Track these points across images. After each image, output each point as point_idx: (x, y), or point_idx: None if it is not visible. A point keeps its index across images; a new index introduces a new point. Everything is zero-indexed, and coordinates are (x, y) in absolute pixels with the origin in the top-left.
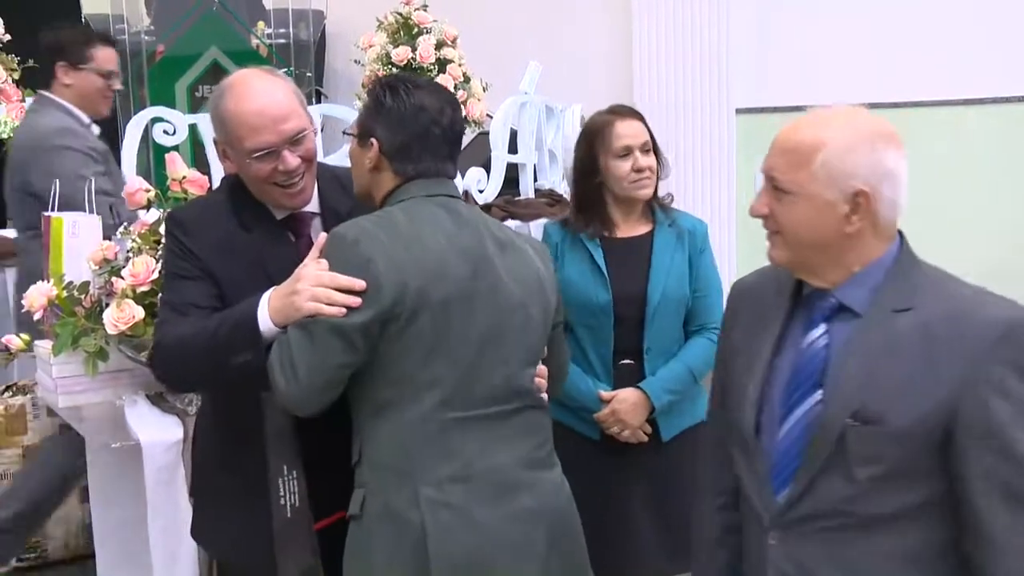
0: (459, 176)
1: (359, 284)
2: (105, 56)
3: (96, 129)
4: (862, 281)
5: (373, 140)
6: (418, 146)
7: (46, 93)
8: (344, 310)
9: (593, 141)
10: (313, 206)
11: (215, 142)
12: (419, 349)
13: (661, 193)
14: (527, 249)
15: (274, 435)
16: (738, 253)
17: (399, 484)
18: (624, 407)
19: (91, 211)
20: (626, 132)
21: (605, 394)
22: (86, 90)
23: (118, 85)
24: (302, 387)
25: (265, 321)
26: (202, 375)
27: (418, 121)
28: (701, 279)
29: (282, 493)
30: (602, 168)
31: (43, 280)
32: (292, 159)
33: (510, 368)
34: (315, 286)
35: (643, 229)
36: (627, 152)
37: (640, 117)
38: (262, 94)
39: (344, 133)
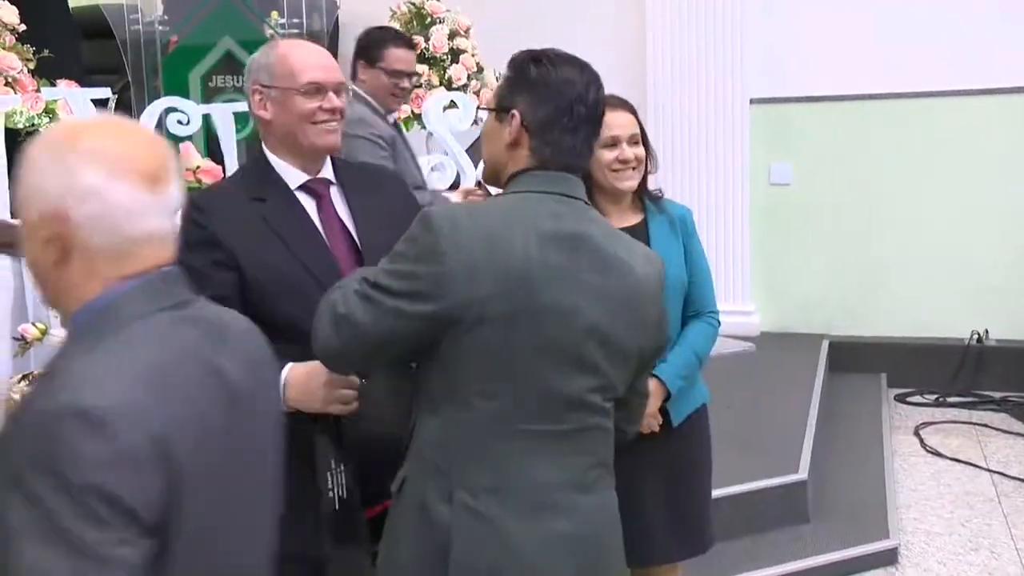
0: (474, 167)
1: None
2: (395, 56)
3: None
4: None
5: (515, 112)
6: (561, 123)
7: (352, 86)
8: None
9: None
10: (329, 175)
11: (254, 91)
12: (478, 358)
13: (652, 187)
14: (634, 270)
15: (320, 430)
16: (752, 242)
17: (437, 481)
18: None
19: None
20: (615, 122)
21: None
22: (375, 86)
23: (406, 84)
24: (346, 345)
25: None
26: None
27: (563, 95)
28: (693, 265)
29: (330, 486)
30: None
31: None
32: (336, 100)
33: (571, 390)
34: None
35: (634, 219)
36: (614, 143)
37: (630, 109)
38: (315, 47)
39: (479, 108)
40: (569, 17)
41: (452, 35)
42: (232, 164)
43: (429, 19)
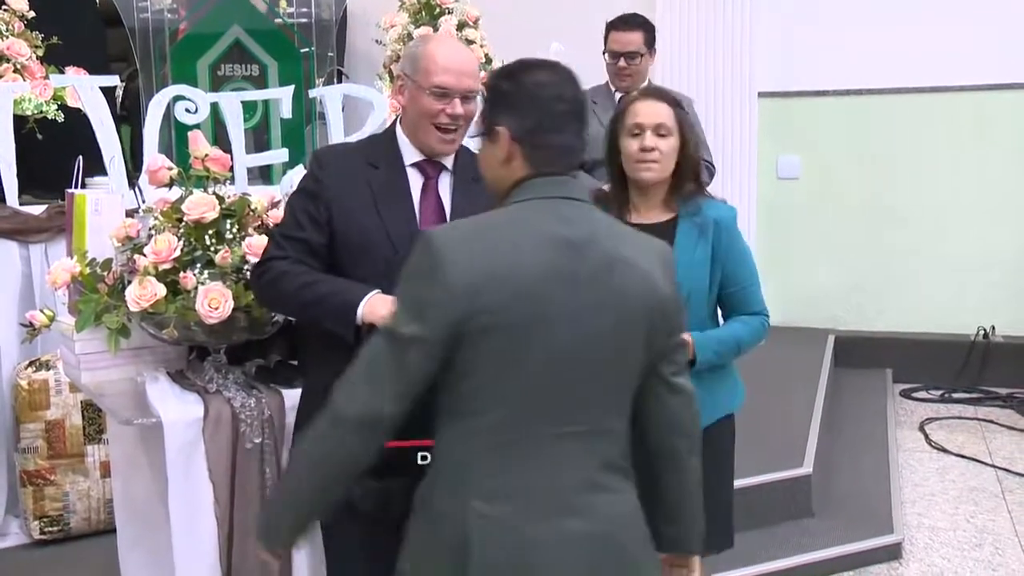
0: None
1: None
2: (612, 38)
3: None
4: None
5: (501, 128)
6: (546, 125)
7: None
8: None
9: (616, 121)
10: (447, 162)
11: (399, 76)
12: (488, 367)
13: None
14: (640, 266)
15: None
16: (758, 236)
17: (453, 489)
18: None
19: None
20: (642, 111)
21: None
22: (608, 67)
23: (622, 63)
24: (385, 402)
25: (360, 318)
26: (291, 314)
27: (541, 98)
28: (736, 271)
29: None
30: (620, 148)
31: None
32: (459, 108)
33: (583, 392)
34: None
35: (663, 217)
36: (638, 131)
37: (670, 101)
38: (459, 49)
39: (471, 137)
40: (577, 9)
41: (461, 25)
42: (240, 152)
43: (438, 10)
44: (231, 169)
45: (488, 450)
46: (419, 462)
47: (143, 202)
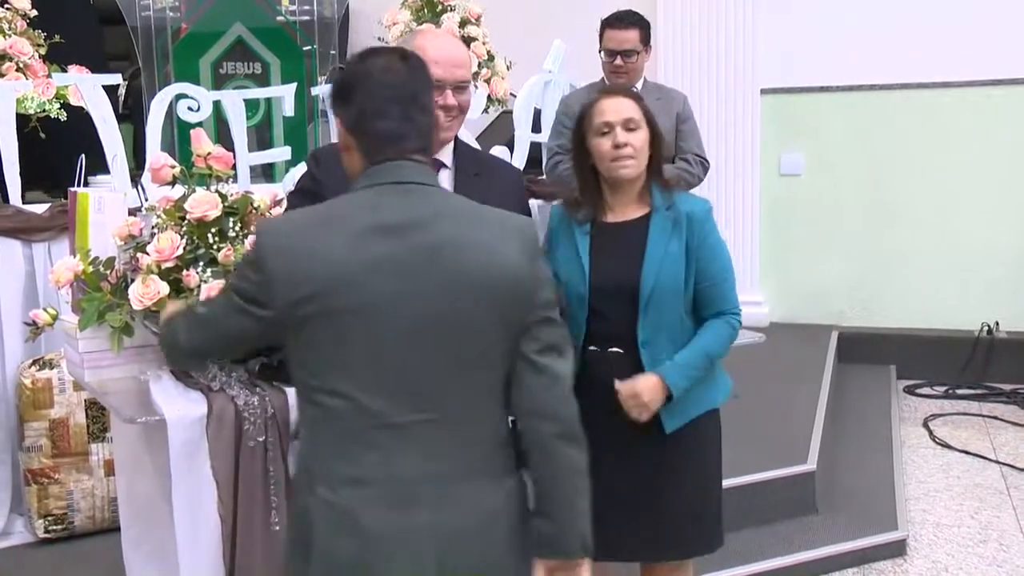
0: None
1: None
2: (607, 37)
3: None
4: None
5: (337, 119)
6: (369, 112)
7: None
8: None
9: (581, 122)
10: (446, 158)
11: None
12: (320, 356)
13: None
14: (484, 244)
15: None
16: (761, 233)
17: (305, 473)
18: (645, 390)
19: None
20: (607, 108)
21: (621, 385)
22: (604, 65)
23: (619, 62)
24: (206, 343)
25: None
26: None
27: (363, 86)
28: (708, 267)
29: None
30: (590, 149)
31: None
32: (452, 99)
33: (430, 380)
34: None
35: (637, 213)
36: (608, 129)
37: (632, 96)
38: (448, 41)
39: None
40: (581, 7)
41: (463, 23)
42: (242, 151)
43: (440, 7)
44: (234, 167)
45: (333, 437)
46: None
47: (146, 200)
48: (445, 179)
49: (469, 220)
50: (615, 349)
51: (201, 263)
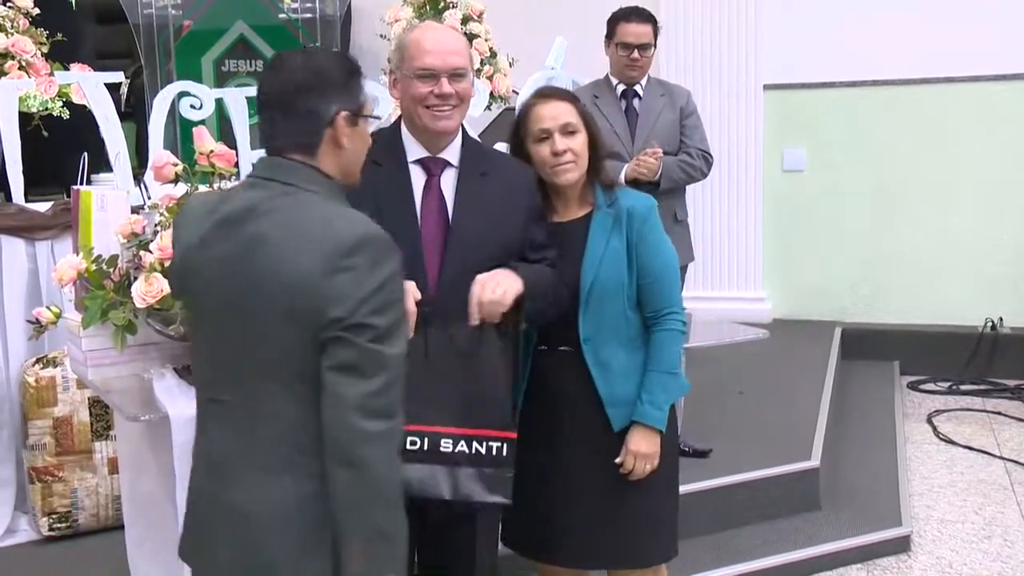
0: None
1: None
2: (624, 31)
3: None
4: None
5: None
6: (255, 111)
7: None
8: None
9: (519, 127)
10: (452, 157)
11: (389, 73)
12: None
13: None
14: (284, 245)
15: None
16: (764, 228)
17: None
18: (640, 445)
19: None
20: (545, 115)
21: (623, 463)
22: (612, 60)
23: (635, 55)
24: None
25: None
26: None
27: (259, 85)
28: (648, 263)
29: None
30: (529, 154)
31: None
32: (447, 87)
33: (234, 368)
34: None
35: (578, 214)
36: (546, 135)
37: (568, 98)
38: (443, 31)
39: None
40: (582, 3)
41: (465, 20)
42: (245, 148)
43: (442, 4)
44: (236, 165)
45: (199, 415)
46: (407, 446)
47: (148, 198)
48: (449, 180)
49: (288, 222)
50: (564, 348)
51: None
